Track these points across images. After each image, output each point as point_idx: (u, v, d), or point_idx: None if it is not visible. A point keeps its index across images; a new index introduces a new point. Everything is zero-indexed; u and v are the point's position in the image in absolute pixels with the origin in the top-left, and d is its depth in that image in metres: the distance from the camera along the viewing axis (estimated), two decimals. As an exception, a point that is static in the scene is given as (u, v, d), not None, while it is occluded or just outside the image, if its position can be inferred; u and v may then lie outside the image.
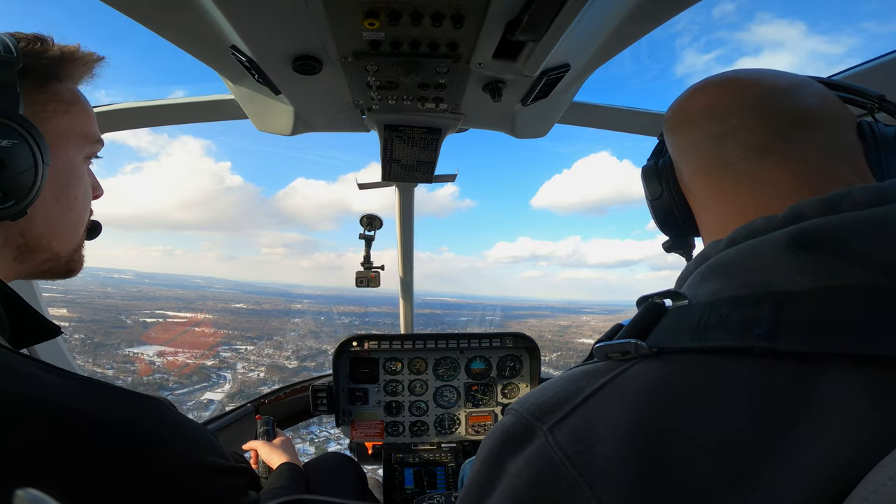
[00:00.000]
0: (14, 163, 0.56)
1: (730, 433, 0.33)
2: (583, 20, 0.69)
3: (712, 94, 0.54)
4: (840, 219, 0.37)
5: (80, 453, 0.46)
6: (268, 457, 1.32)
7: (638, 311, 0.45)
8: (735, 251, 0.42)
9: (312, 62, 0.87)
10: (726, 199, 0.51)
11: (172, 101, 1.38)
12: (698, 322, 0.38)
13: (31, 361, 0.51)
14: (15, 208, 0.56)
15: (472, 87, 0.99)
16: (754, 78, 0.52)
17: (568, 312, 55.69)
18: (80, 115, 0.68)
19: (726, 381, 0.35)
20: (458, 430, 2.08)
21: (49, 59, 0.63)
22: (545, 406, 0.40)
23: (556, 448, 0.37)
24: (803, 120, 0.48)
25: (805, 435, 0.31)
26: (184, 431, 0.57)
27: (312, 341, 36.27)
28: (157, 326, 40.00)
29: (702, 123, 0.53)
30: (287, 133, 1.27)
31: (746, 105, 0.50)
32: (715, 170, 0.52)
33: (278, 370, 30.04)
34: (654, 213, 0.64)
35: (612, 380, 0.40)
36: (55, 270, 0.67)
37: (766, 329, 0.34)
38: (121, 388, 0.55)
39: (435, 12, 0.70)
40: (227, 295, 60.11)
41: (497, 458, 0.41)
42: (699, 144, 0.53)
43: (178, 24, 0.81)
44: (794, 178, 0.46)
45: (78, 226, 0.68)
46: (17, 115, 0.57)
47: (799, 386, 0.33)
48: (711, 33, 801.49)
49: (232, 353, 34.48)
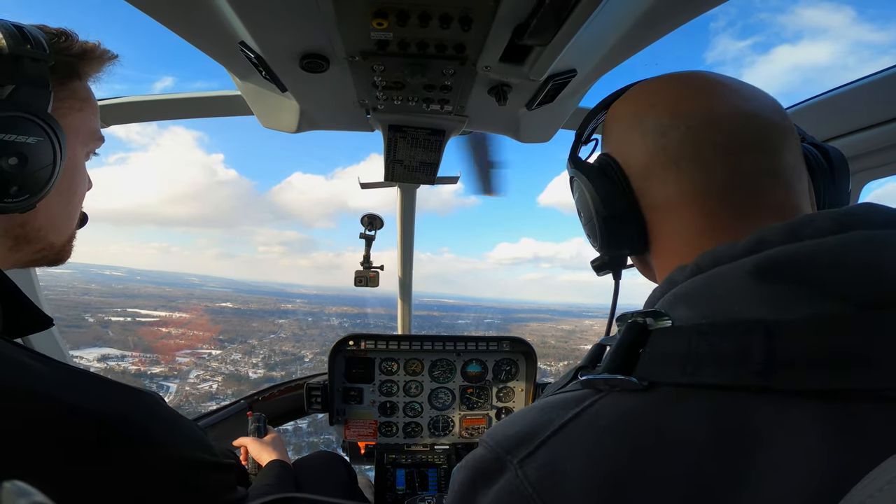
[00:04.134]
0: (36, 159, 0.57)
1: (697, 465, 0.33)
2: (591, 26, 0.70)
3: (691, 89, 0.49)
4: (803, 247, 0.37)
5: (69, 446, 0.46)
6: (257, 453, 1.32)
7: (620, 334, 0.44)
8: (701, 280, 0.41)
9: (320, 60, 0.87)
10: (693, 207, 0.47)
11: (178, 95, 1.38)
12: (687, 351, 0.38)
13: (24, 351, 0.51)
14: (28, 202, 0.58)
15: (477, 90, 1.00)
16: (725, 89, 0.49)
17: (569, 316, 55.29)
18: (91, 112, 0.69)
19: (695, 412, 0.35)
20: (451, 433, 2.07)
21: (72, 56, 0.64)
22: (515, 439, 0.41)
23: (525, 483, 0.37)
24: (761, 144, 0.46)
25: (772, 465, 0.31)
26: (174, 427, 0.57)
27: (290, 345, 33.88)
28: (118, 327, 37.46)
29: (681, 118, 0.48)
30: (292, 130, 1.28)
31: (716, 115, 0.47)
32: (687, 170, 0.47)
33: (236, 381, 26.66)
34: (601, 223, 0.53)
35: (580, 413, 0.40)
36: (46, 259, 0.68)
37: (761, 366, 0.34)
38: (113, 381, 0.55)
39: (443, 14, 0.71)
40: (216, 293, 58.62)
41: (469, 491, 0.42)
42: (669, 140, 0.48)
43: (188, 20, 0.81)
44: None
45: (73, 218, 0.69)
46: (46, 113, 0.58)
47: (765, 416, 0.33)
48: (751, 16, 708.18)
49: (191, 359, 31.57)
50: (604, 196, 0.52)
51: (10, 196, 0.56)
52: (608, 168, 0.52)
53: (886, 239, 0.36)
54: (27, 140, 0.56)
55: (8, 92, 0.55)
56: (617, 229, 0.52)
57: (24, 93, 0.56)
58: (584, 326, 36.91)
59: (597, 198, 0.52)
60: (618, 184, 0.51)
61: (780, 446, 0.32)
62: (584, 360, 0.52)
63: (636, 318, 0.44)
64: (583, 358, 0.53)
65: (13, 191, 0.56)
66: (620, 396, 0.40)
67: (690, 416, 0.35)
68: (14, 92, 0.55)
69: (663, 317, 0.43)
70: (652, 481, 0.34)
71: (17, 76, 0.56)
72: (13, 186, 0.56)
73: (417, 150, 1.32)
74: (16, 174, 0.56)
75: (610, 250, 0.56)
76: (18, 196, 0.56)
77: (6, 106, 0.55)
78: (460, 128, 1.21)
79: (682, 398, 0.37)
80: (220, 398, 22.38)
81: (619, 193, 0.51)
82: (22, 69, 0.56)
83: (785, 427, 0.32)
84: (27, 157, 0.56)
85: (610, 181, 0.52)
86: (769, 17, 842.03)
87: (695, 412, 0.35)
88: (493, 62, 0.85)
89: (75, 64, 0.65)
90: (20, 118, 0.55)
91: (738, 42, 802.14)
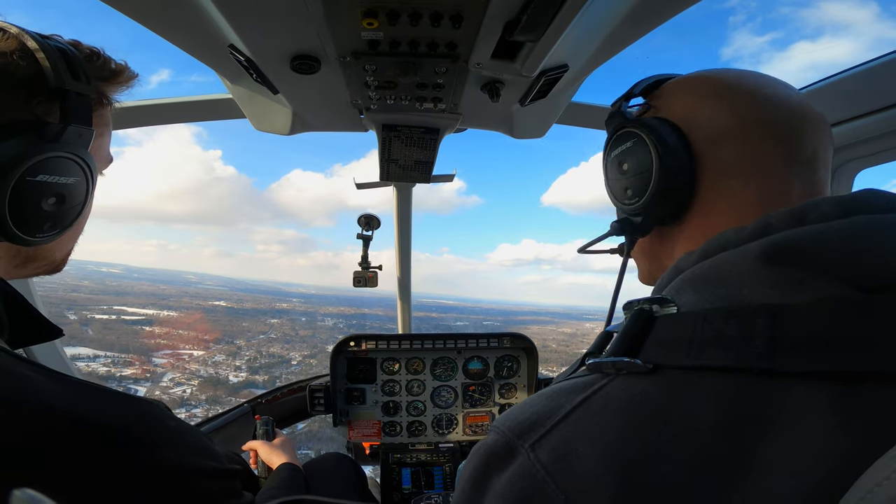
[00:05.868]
0: (72, 198, 0.58)
1: (705, 447, 0.33)
2: (581, 21, 0.69)
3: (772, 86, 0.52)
4: (808, 231, 0.38)
5: (74, 456, 0.46)
6: (267, 457, 1.32)
7: (626, 320, 0.44)
8: (709, 264, 0.42)
9: (311, 62, 0.87)
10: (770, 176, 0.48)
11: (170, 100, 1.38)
12: (692, 336, 0.38)
13: (27, 364, 0.51)
14: (56, 237, 0.58)
15: (470, 88, 1.00)
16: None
17: (569, 318, 55.10)
18: (109, 136, 0.69)
19: (702, 395, 0.36)
20: (455, 431, 2.08)
21: (104, 80, 0.63)
22: (526, 424, 0.41)
23: (538, 466, 0.38)
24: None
25: (780, 447, 0.31)
26: (178, 435, 0.57)
27: (278, 347, 32.27)
28: (99, 325, 35.28)
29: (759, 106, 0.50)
30: (285, 133, 1.27)
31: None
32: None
33: (213, 386, 24.71)
34: (661, 178, 0.52)
35: (590, 397, 0.40)
36: (46, 271, 0.68)
37: (763, 348, 0.34)
38: (115, 391, 0.56)
39: (433, 12, 0.71)
40: (211, 292, 57.02)
41: (482, 476, 0.42)
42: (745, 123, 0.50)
43: (175, 23, 0.81)
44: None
45: (77, 236, 0.69)
46: (86, 154, 0.57)
47: (773, 398, 0.34)
48: (772, 10, 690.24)
49: (170, 360, 29.84)
50: (672, 150, 0.51)
51: (42, 232, 0.56)
52: (675, 126, 0.53)
53: (888, 223, 0.37)
54: (68, 181, 0.56)
55: (55, 131, 0.54)
56: (675, 185, 0.51)
57: (70, 132, 0.55)
58: (585, 330, 36.73)
59: (664, 151, 0.51)
60: (684, 142, 0.52)
61: (787, 428, 0.32)
62: (592, 346, 0.52)
63: (643, 304, 0.45)
64: (590, 345, 0.53)
65: (46, 227, 0.56)
66: (628, 380, 0.40)
67: (698, 399, 0.36)
68: (62, 131, 0.54)
69: (669, 303, 0.43)
70: (662, 462, 0.34)
71: (64, 112, 0.54)
72: (47, 223, 0.56)
73: (412, 148, 1.32)
74: (52, 213, 0.56)
75: (653, 207, 0.54)
76: (49, 232, 0.57)
77: (57, 147, 0.53)
78: (454, 125, 1.20)
79: (689, 381, 0.37)
80: (192, 405, 21.07)
81: (686, 151, 0.51)
82: (68, 105, 0.55)
83: (791, 409, 0.33)
84: (65, 197, 0.56)
85: (678, 138, 0.52)
86: (792, 12, 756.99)
87: (702, 395, 0.36)
88: (485, 59, 0.84)
89: (105, 89, 0.64)
90: (66, 159, 0.55)
91: (757, 38, 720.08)
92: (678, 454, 0.34)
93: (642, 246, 0.61)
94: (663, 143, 0.52)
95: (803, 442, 0.31)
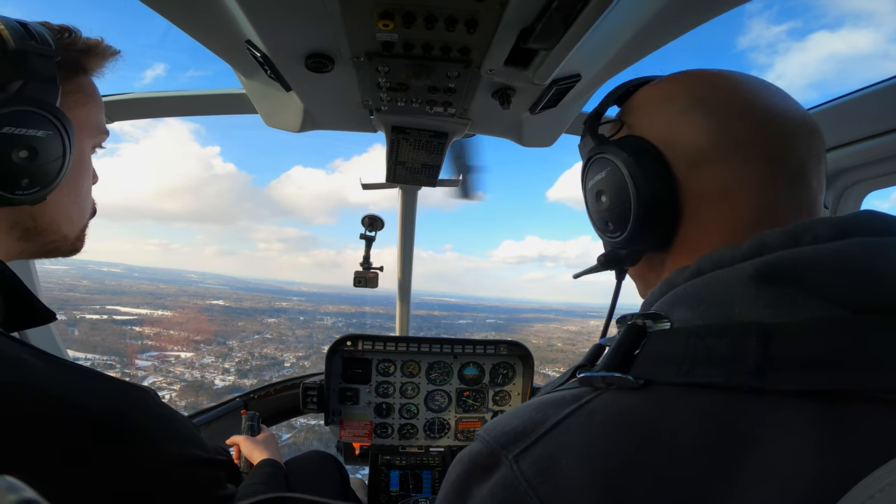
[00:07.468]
0: (46, 152, 0.58)
1: (690, 463, 0.33)
2: (597, 31, 0.70)
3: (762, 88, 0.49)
4: (802, 252, 0.38)
5: (61, 441, 0.46)
6: (249, 452, 1.31)
7: (619, 335, 0.44)
8: (702, 282, 0.42)
9: (325, 60, 0.87)
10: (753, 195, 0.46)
11: (183, 93, 1.39)
12: (684, 352, 0.38)
13: (20, 346, 0.52)
14: (37, 195, 0.59)
15: (481, 93, 1.00)
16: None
17: (574, 316, 54.60)
18: (96, 106, 0.71)
19: (689, 412, 0.36)
20: (447, 435, 2.06)
21: (77, 52, 0.66)
22: (511, 434, 0.41)
23: (520, 477, 0.37)
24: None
25: (764, 465, 0.31)
26: (167, 423, 0.58)
27: (272, 348, 31.42)
28: (87, 326, 34.54)
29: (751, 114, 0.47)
30: (295, 130, 1.28)
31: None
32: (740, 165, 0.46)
33: (195, 391, 23.60)
34: (640, 208, 0.48)
35: (576, 410, 0.40)
36: (60, 250, 0.69)
37: (754, 366, 0.34)
38: (107, 377, 0.56)
39: (449, 16, 0.71)
40: (211, 290, 56.54)
41: (464, 485, 0.42)
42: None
43: (195, 17, 0.82)
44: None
45: (84, 210, 0.71)
46: (54, 107, 0.59)
47: (759, 416, 0.34)
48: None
49: (155, 362, 28.61)
50: (650, 179, 0.48)
51: (20, 188, 0.57)
52: (651, 149, 0.49)
53: (886, 246, 0.37)
54: (37, 133, 0.57)
55: (17, 87, 0.56)
56: (657, 215, 0.48)
57: (32, 88, 0.57)
58: (590, 327, 36.06)
59: (642, 180, 0.48)
60: (663, 167, 0.48)
61: (771, 446, 0.32)
62: (584, 359, 0.52)
63: (635, 319, 0.44)
64: (582, 357, 0.53)
65: (24, 183, 0.57)
66: (617, 394, 0.40)
67: (685, 415, 0.36)
68: (23, 87, 0.56)
69: (662, 319, 0.43)
70: (647, 478, 0.34)
71: (25, 72, 0.57)
72: (24, 179, 0.57)
73: (420, 151, 1.32)
74: (26, 167, 0.57)
75: (637, 240, 0.51)
76: (29, 189, 0.58)
77: (16, 100, 0.55)
78: (463, 130, 1.21)
79: (678, 397, 0.37)
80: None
81: (665, 177, 0.48)
82: (29, 65, 0.57)
83: (777, 427, 0.33)
84: (37, 150, 0.57)
85: (656, 163, 0.48)
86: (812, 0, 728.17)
87: (690, 411, 0.36)
88: (498, 65, 0.85)
89: (80, 59, 0.67)
90: (30, 112, 0.56)
91: (774, 27, 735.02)
92: (662, 470, 0.34)
93: (635, 270, 0.60)
94: (639, 170, 0.48)
95: (788, 460, 0.31)
